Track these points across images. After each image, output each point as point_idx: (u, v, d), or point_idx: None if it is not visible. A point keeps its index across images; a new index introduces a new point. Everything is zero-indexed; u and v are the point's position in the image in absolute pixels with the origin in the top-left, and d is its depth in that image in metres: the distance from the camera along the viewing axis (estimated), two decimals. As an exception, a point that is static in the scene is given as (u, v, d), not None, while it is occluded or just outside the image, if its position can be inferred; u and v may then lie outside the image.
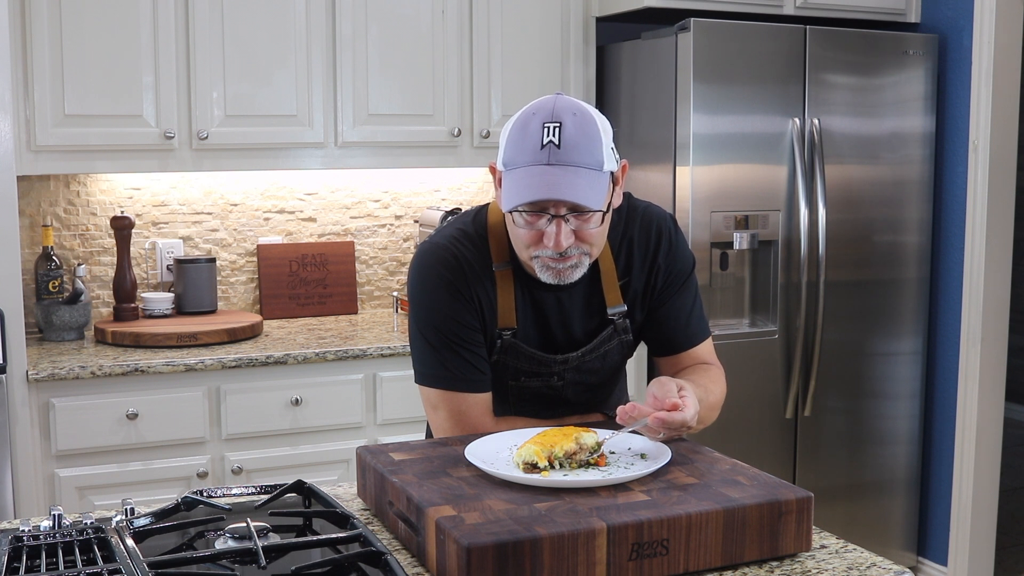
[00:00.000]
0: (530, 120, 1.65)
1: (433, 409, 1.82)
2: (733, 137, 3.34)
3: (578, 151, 1.62)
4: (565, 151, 1.62)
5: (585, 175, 1.62)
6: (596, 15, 3.60)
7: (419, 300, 1.80)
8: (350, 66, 3.32)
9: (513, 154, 1.66)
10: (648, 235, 1.84)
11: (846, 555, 1.45)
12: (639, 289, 1.84)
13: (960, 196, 3.64)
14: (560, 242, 1.64)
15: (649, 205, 1.88)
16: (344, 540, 1.42)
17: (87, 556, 1.39)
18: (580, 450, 1.55)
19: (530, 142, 1.63)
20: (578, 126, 1.64)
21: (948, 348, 3.73)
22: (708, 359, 1.90)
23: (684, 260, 1.86)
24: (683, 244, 1.87)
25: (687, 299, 1.87)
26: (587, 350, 1.83)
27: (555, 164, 1.61)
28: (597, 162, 1.64)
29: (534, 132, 1.63)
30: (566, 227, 1.64)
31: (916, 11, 3.73)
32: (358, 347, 3.10)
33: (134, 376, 2.88)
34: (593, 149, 1.64)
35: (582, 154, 1.63)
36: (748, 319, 3.53)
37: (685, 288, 1.86)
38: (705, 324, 1.91)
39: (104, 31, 3.04)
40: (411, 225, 3.76)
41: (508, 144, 1.67)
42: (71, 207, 3.36)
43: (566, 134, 1.62)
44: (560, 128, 1.62)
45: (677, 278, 1.85)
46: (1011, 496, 4.62)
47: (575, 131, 1.63)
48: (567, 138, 1.62)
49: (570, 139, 1.62)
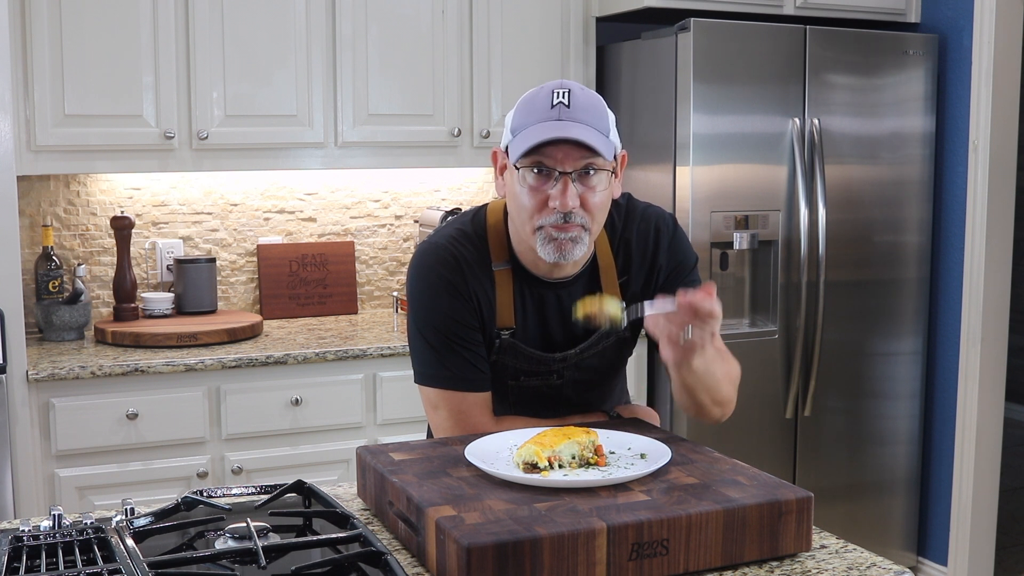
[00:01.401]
0: (538, 92, 1.69)
1: (433, 409, 1.82)
2: (733, 137, 3.34)
3: (587, 113, 1.66)
4: (575, 110, 1.65)
5: (595, 133, 1.65)
6: (596, 15, 3.60)
7: (418, 300, 1.80)
8: (350, 66, 3.32)
9: (522, 119, 1.68)
10: (647, 235, 1.84)
11: (846, 555, 1.45)
12: (638, 289, 1.84)
13: (960, 196, 3.64)
14: (566, 201, 1.64)
15: (649, 206, 1.89)
16: (344, 540, 1.42)
17: (87, 556, 1.39)
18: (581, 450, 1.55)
19: (539, 105, 1.67)
20: (587, 95, 1.69)
21: (948, 348, 3.73)
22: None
23: (686, 257, 1.87)
24: (684, 242, 1.88)
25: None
26: (585, 347, 1.83)
27: (566, 120, 1.65)
28: (605, 128, 1.68)
29: (543, 97, 1.67)
30: (572, 187, 1.65)
31: (916, 11, 3.73)
32: (358, 347, 3.10)
33: (134, 376, 2.88)
34: (601, 116, 1.68)
35: (591, 117, 1.66)
36: (748, 319, 3.53)
37: (688, 285, 1.85)
38: None
39: (104, 31, 3.04)
40: (411, 225, 3.76)
41: (516, 115, 1.71)
42: (71, 207, 3.36)
43: (575, 98, 1.66)
44: (569, 93, 1.66)
45: (679, 275, 1.85)
46: (1011, 496, 4.62)
47: (584, 97, 1.67)
48: (576, 101, 1.66)
49: (579, 102, 1.66)
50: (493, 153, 1.78)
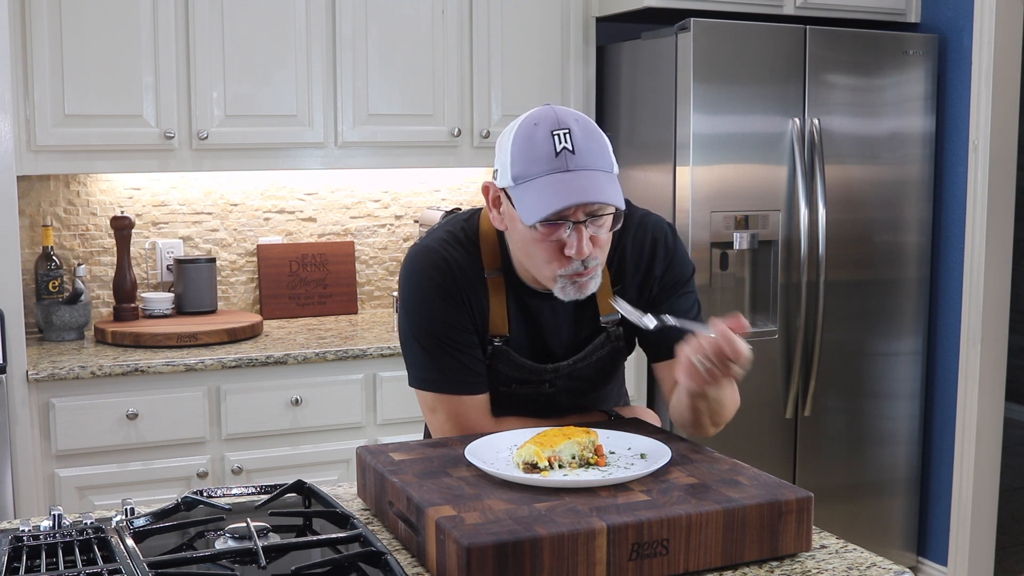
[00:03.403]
0: (534, 131, 1.62)
1: (431, 412, 1.81)
2: (733, 137, 3.34)
3: (592, 155, 1.61)
4: (580, 156, 1.60)
5: (604, 177, 1.61)
6: (596, 15, 3.60)
7: (411, 304, 1.78)
8: (350, 66, 3.32)
9: (525, 166, 1.61)
10: (642, 245, 1.81)
11: (846, 555, 1.45)
12: (633, 298, 1.80)
13: (960, 196, 3.64)
14: (583, 249, 1.61)
15: (647, 214, 1.86)
16: (344, 540, 1.42)
17: (87, 556, 1.39)
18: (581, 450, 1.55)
19: (542, 151, 1.60)
20: (585, 132, 1.62)
21: (948, 348, 3.73)
22: None
23: (682, 268, 1.84)
24: (681, 252, 1.85)
25: (684, 306, 1.83)
26: (578, 358, 1.82)
27: (575, 170, 1.59)
28: (609, 164, 1.64)
29: (543, 141, 1.60)
30: (586, 234, 1.62)
31: (916, 11, 3.73)
32: (358, 347, 3.10)
33: (134, 376, 2.88)
34: (604, 152, 1.63)
35: (596, 158, 1.61)
36: (748, 319, 3.52)
37: (684, 295, 1.84)
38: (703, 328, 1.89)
39: (104, 31, 3.04)
40: (411, 225, 3.76)
41: (515, 158, 1.62)
42: (71, 207, 3.36)
43: (577, 140, 1.60)
44: (570, 134, 1.60)
45: (675, 286, 1.83)
46: (1011, 496, 4.62)
47: (584, 137, 1.61)
48: (579, 143, 1.60)
49: (582, 144, 1.60)
50: (484, 187, 1.72)
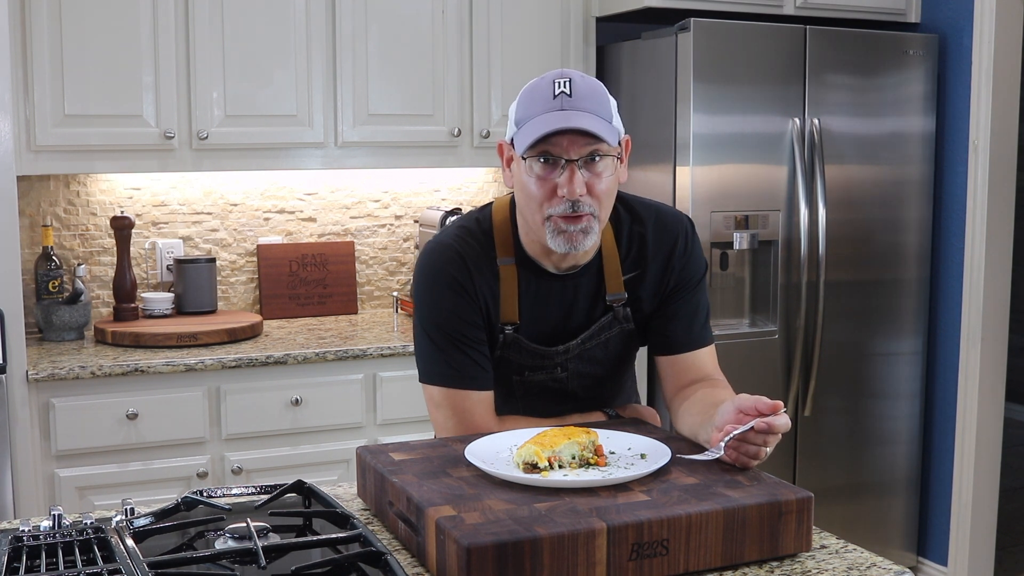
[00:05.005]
0: (540, 82, 1.71)
1: (436, 407, 1.83)
2: (733, 137, 3.34)
3: (590, 101, 1.68)
4: (577, 99, 1.67)
5: (599, 121, 1.67)
6: (596, 15, 3.60)
7: (423, 298, 1.81)
8: (350, 66, 3.32)
9: (525, 111, 1.70)
10: (665, 233, 1.86)
11: (846, 555, 1.45)
12: (653, 286, 1.85)
13: (960, 196, 3.64)
14: (574, 188, 1.66)
15: (668, 206, 1.92)
16: (344, 540, 1.42)
17: (87, 556, 1.39)
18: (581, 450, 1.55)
19: (541, 95, 1.69)
20: (588, 83, 1.70)
21: (948, 348, 3.73)
22: (712, 371, 1.89)
23: (697, 264, 1.89)
24: (698, 248, 1.90)
25: (694, 302, 1.87)
26: (586, 336, 1.84)
27: (569, 109, 1.66)
28: (608, 114, 1.70)
29: (545, 87, 1.69)
30: (579, 174, 1.67)
31: (916, 11, 3.73)
32: (358, 347, 3.10)
33: (134, 376, 2.88)
34: (604, 103, 1.70)
35: (593, 104, 1.68)
36: (748, 319, 3.53)
37: (695, 291, 1.88)
38: (709, 332, 1.91)
39: (104, 31, 3.04)
40: (411, 225, 3.76)
41: (519, 106, 1.73)
42: (71, 207, 3.36)
43: (577, 87, 1.68)
44: (571, 82, 1.68)
45: (688, 281, 1.87)
46: (1011, 496, 4.62)
47: (585, 85, 1.69)
48: (578, 89, 1.68)
49: (581, 90, 1.68)
50: (499, 145, 1.80)
